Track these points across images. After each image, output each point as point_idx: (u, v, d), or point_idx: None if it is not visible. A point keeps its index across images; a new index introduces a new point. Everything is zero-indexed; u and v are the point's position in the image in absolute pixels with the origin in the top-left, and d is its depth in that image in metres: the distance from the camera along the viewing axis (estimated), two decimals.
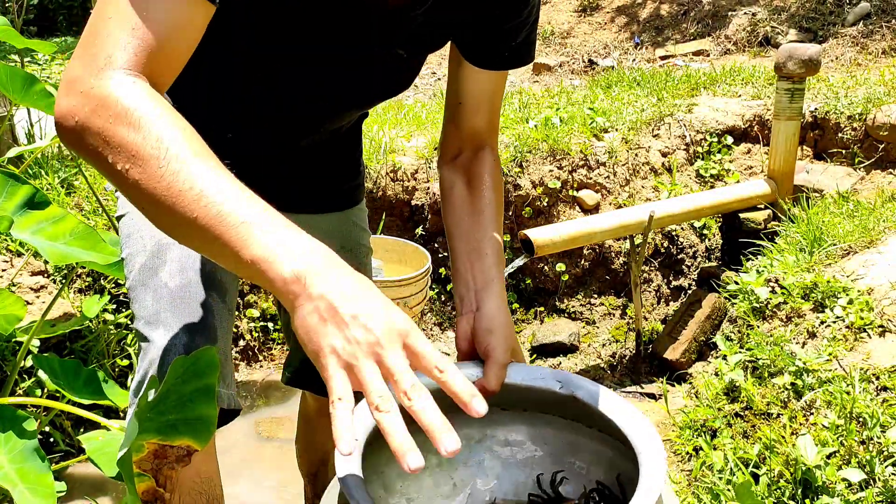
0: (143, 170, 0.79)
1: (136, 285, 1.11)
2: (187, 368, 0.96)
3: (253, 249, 0.75)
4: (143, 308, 1.09)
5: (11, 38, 2.12)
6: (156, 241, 1.12)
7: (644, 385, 2.86)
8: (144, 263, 1.11)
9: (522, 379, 0.96)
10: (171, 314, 1.06)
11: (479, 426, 0.99)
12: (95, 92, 0.80)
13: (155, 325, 1.06)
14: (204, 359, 0.96)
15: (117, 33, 0.82)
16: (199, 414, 0.98)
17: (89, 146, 0.81)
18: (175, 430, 0.98)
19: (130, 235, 1.15)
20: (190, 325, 1.06)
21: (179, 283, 1.08)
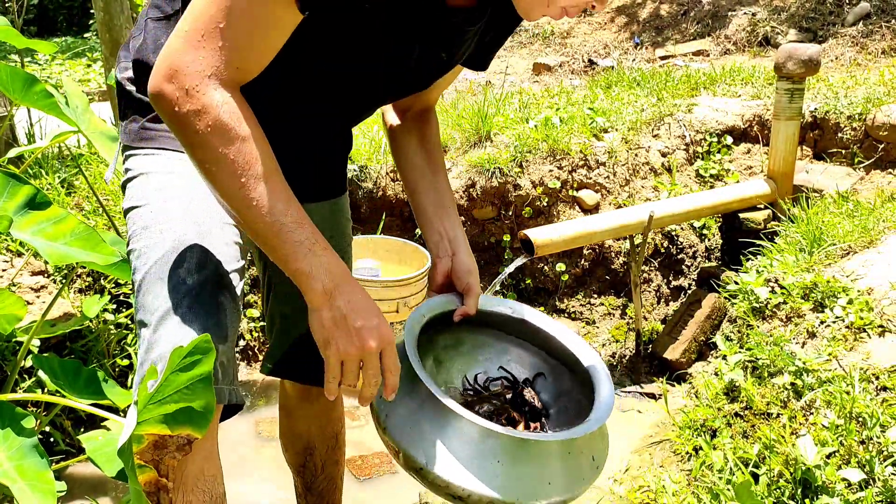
0: (225, 177, 1.01)
1: (151, 277, 1.11)
2: (184, 358, 0.96)
3: (298, 264, 1.04)
4: (158, 300, 1.09)
5: (11, 38, 2.12)
6: (175, 238, 1.13)
7: (644, 385, 2.86)
8: (162, 258, 1.12)
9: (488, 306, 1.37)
10: (188, 310, 1.08)
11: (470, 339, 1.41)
12: (201, 97, 0.98)
13: (170, 319, 1.08)
14: (200, 348, 0.96)
15: (228, 48, 0.99)
16: (197, 403, 0.98)
17: (184, 133, 1.00)
18: (174, 420, 0.99)
19: (147, 227, 1.15)
20: (205, 323, 1.09)
21: (197, 281, 1.11)
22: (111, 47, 3.53)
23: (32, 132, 3.34)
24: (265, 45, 1.03)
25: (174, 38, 1.00)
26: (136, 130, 1.25)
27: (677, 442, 1.91)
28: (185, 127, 1.00)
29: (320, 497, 1.72)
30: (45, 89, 1.96)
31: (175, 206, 1.16)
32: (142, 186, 1.20)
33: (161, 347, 1.06)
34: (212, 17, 0.97)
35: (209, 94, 0.99)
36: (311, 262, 1.04)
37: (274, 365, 1.56)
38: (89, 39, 9.35)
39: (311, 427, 1.65)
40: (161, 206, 1.16)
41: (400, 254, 2.98)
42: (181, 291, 1.09)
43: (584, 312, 3.21)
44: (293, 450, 1.69)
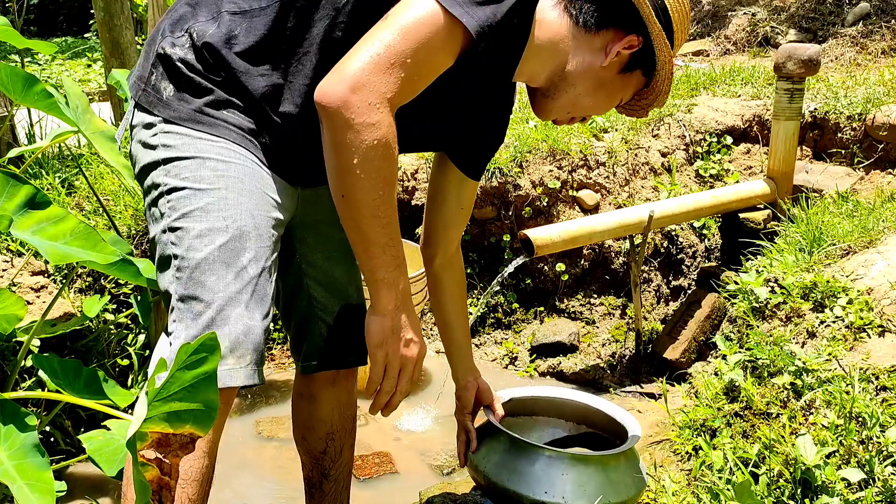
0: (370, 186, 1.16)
1: (214, 260, 1.19)
2: (190, 356, 0.97)
3: (385, 275, 1.23)
4: (222, 282, 1.18)
5: (12, 38, 2.12)
6: (238, 226, 1.22)
7: (644, 385, 2.86)
8: (226, 243, 1.20)
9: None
10: (250, 296, 1.20)
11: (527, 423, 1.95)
12: (378, 114, 1.14)
13: (237, 303, 1.18)
14: (206, 346, 0.97)
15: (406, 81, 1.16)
16: (202, 401, 0.99)
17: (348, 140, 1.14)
18: (178, 419, 1.00)
19: (207, 211, 1.22)
20: (263, 310, 1.22)
21: (257, 271, 1.22)
22: (111, 47, 3.53)
23: (32, 132, 3.34)
24: (425, 84, 1.21)
25: (363, 56, 1.14)
26: (189, 110, 1.28)
27: (677, 442, 1.91)
28: (355, 135, 1.13)
29: (336, 483, 1.72)
30: (45, 89, 1.95)
31: (235, 196, 1.24)
32: (197, 168, 1.25)
33: (231, 328, 1.17)
34: (402, 52, 1.15)
35: (385, 113, 1.14)
36: (394, 276, 1.23)
37: (320, 359, 1.60)
38: (89, 39, 9.35)
39: (333, 411, 1.67)
40: (223, 194, 1.23)
41: None
42: (245, 278, 1.20)
43: (583, 312, 3.21)
44: (315, 436, 1.69)
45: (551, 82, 1.35)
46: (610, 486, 1.60)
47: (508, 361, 3.07)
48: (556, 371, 2.98)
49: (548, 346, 3.04)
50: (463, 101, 1.40)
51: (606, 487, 1.60)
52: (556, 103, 1.37)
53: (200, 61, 1.28)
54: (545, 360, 3.02)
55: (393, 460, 2.38)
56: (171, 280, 1.21)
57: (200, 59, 1.28)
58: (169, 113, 1.28)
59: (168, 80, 1.29)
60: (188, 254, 1.20)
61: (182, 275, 1.19)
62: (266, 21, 1.27)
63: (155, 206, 1.27)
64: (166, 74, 1.29)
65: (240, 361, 1.17)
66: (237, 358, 1.17)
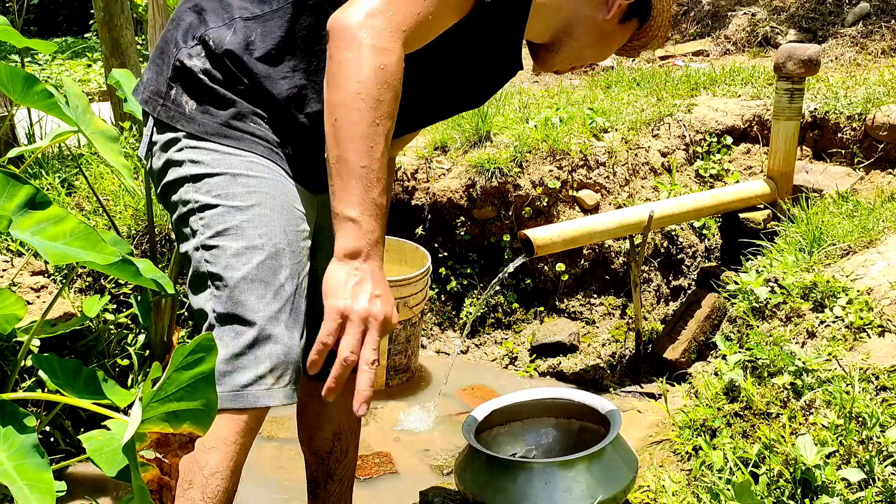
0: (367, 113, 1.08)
1: (253, 279, 1.19)
2: (186, 356, 0.97)
3: (355, 213, 1.08)
4: (262, 302, 1.18)
5: (11, 37, 2.12)
6: (273, 244, 1.22)
7: (644, 385, 2.86)
8: (263, 261, 1.20)
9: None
10: (288, 315, 1.20)
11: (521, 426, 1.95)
12: (392, 41, 1.10)
13: (276, 322, 1.18)
14: (203, 346, 0.97)
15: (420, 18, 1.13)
16: (200, 401, 0.99)
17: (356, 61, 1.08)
18: (176, 419, 1.00)
19: (241, 229, 1.21)
20: (300, 328, 1.22)
21: (293, 289, 1.22)
22: (111, 47, 3.53)
23: (32, 132, 3.34)
24: (438, 29, 1.18)
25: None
26: (215, 124, 1.27)
27: (677, 442, 1.91)
28: (364, 54, 1.08)
29: (341, 482, 1.72)
30: (45, 89, 1.95)
31: (268, 212, 1.23)
32: (228, 185, 1.24)
33: (272, 348, 1.17)
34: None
35: (398, 42, 1.11)
36: (370, 224, 1.09)
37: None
38: (89, 39, 9.35)
39: (342, 411, 1.67)
40: (257, 211, 1.23)
41: (400, 254, 2.99)
42: (283, 297, 1.20)
43: (583, 312, 3.21)
44: (322, 436, 1.69)
45: (556, 38, 1.37)
46: (599, 482, 1.60)
47: (508, 361, 3.07)
48: (556, 371, 2.98)
49: (548, 346, 3.04)
50: (471, 54, 1.36)
51: (595, 485, 1.59)
52: (559, 56, 1.39)
53: (222, 71, 1.26)
54: (545, 360, 3.02)
55: (393, 460, 2.38)
56: (208, 298, 1.21)
57: (221, 68, 1.26)
58: (194, 128, 1.27)
59: (189, 93, 1.28)
60: (226, 272, 1.19)
61: (221, 294, 1.19)
62: (281, 23, 1.26)
63: (185, 224, 1.26)
64: (187, 88, 1.28)
65: (279, 381, 1.18)
66: (276, 378, 1.17)
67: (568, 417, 1.92)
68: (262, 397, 1.15)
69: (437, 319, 3.27)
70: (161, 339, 2.50)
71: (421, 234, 3.26)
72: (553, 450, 1.92)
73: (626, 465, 1.66)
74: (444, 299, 3.29)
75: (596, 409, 1.82)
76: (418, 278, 2.77)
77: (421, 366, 3.02)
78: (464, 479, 1.70)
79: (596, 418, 1.83)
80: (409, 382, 2.91)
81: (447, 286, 3.25)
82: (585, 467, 1.61)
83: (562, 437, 1.93)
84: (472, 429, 1.77)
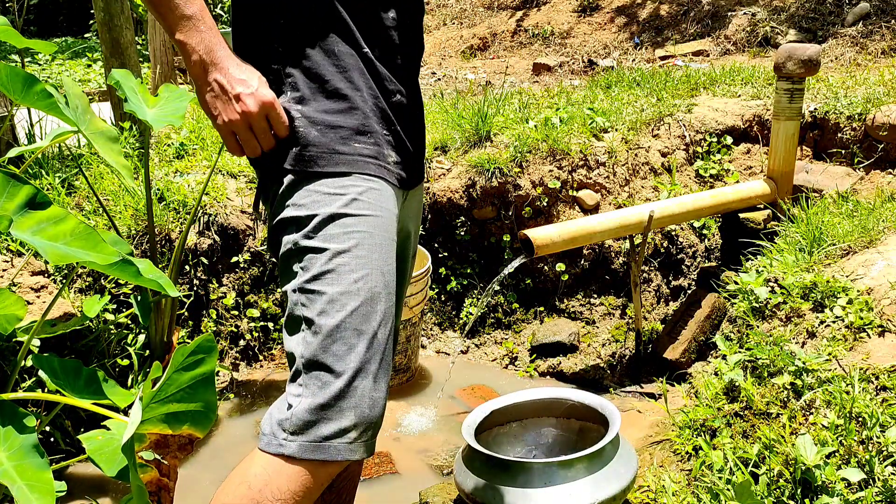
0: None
1: (348, 327, 1.17)
2: (187, 357, 0.97)
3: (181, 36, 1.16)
4: (352, 354, 1.16)
5: (11, 37, 2.12)
6: (368, 289, 1.20)
7: (644, 385, 2.86)
8: (358, 308, 1.18)
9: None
10: (377, 366, 1.19)
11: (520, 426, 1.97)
12: None
13: (365, 375, 1.17)
14: (203, 347, 0.97)
15: None
16: (200, 402, 0.99)
17: None
18: (176, 420, 1.00)
19: (341, 273, 1.19)
20: (387, 379, 1.21)
21: (386, 335, 1.21)
22: (111, 47, 3.53)
23: (32, 132, 3.34)
24: None
25: None
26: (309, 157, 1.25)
27: (677, 442, 1.91)
28: None
29: (338, 494, 1.72)
30: (45, 89, 1.95)
31: (366, 253, 1.21)
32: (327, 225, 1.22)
33: (358, 400, 1.16)
34: None
35: None
36: (192, 36, 1.16)
37: None
38: (89, 39, 9.35)
39: None
40: (355, 253, 1.21)
41: None
42: (375, 347, 1.18)
43: (584, 312, 3.21)
44: None
45: None
46: (598, 482, 1.61)
47: (508, 361, 3.07)
48: (556, 371, 2.98)
49: (548, 346, 3.04)
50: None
51: (595, 485, 1.60)
52: None
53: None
54: (545, 360, 3.02)
55: (393, 460, 2.38)
56: (299, 342, 1.19)
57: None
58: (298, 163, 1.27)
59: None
60: (319, 319, 1.18)
61: (313, 340, 1.17)
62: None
63: (287, 264, 1.25)
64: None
65: (363, 436, 1.17)
66: (360, 432, 1.16)
67: (568, 417, 1.92)
68: (344, 451, 1.15)
69: (437, 319, 3.27)
70: (161, 339, 2.50)
71: (421, 234, 3.26)
72: (553, 450, 1.92)
73: (625, 465, 1.66)
74: (444, 299, 3.29)
75: (596, 409, 1.82)
76: (418, 278, 2.77)
77: (421, 366, 3.02)
78: (464, 479, 1.70)
79: (596, 418, 1.84)
80: (409, 382, 2.91)
81: (447, 286, 3.25)
82: (585, 467, 1.62)
83: (562, 437, 1.93)
84: (472, 429, 1.77)
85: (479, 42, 6.98)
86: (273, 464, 1.14)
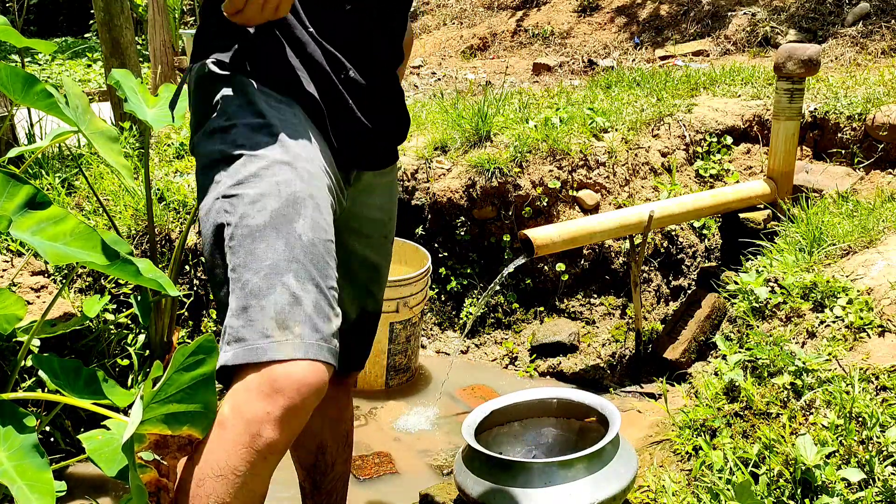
0: None
1: (265, 227, 1.12)
2: (187, 357, 0.96)
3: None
4: (273, 252, 1.10)
5: (11, 37, 2.12)
6: (292, 192, 1.14)
7: (644, 385, 2.86)
8: (278, 209, 1.13)
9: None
10: (302, 266, 1.10)
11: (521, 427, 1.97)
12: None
13: (286, 272, 1.08)
14: (204, 347, 0.96)
15: None
16: (200, 403, 0.98)
17: None
18: (176, 420, 0.99)
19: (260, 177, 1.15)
20: (317, 282, 1.11)
21: (311, 240, 1.12)
22: (111, 47, 3.53)
23: (32, 132, 3.34)
24: None
25: None
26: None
27: (677, 442, 1.91)
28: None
29: (328, 496, 1.72)
30: (45, 89, 1.95)
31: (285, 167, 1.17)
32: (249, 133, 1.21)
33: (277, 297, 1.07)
34: None
35: None
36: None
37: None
38: (89, 39, 9.35)
39: (325, 426, 1.66)
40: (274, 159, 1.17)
41: (400, 254, 2.98)
42: (296, 247, 1.11)
43: (584, 312, 3.21)
44: (306, 449, 1.68)
45: None
46: (598, 482, 1.61)
47: (508, 361, 3.07)
48: (556, 371, 2.98)
49: (548, 346, 3.04)
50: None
51: (595, 485, 1.60)
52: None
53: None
54: (545, 360, 3.02)
55: (393, 460, 2.38)
56: (223, 250, 1.15)
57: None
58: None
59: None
60: (242, 221, 1.13)
61: (234, 243, 1.13)
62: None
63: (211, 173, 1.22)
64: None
65: (285, 334, 1.05)
66: (282, 330, 1.06)
67: (568, 417, 1.92)
68: (271, 350, 1.04)
69: (437, 319, 3.27)
70: (161, 339, 2.50)
71: (421, 234, 3.26)
72: (553, 450, 1.92)
73: (625, 465, 1.66)
74: (444, 299, 3.29)
75: (596, 409, 1.82)
76: (418, 278, 2.77)
77: (421, 366, 3.02)
78: (464, 479, 1.70)
79: (596, 418, 1.84)
80: (409, 382, 2.91)
81: (447, 286, 3.25)
82: (585, 467, 1.62)
83: (562, 437, 1.93)
84: (472, 429, 1.77)
85: (479, 42, 6.99)
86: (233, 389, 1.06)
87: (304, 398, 1.04)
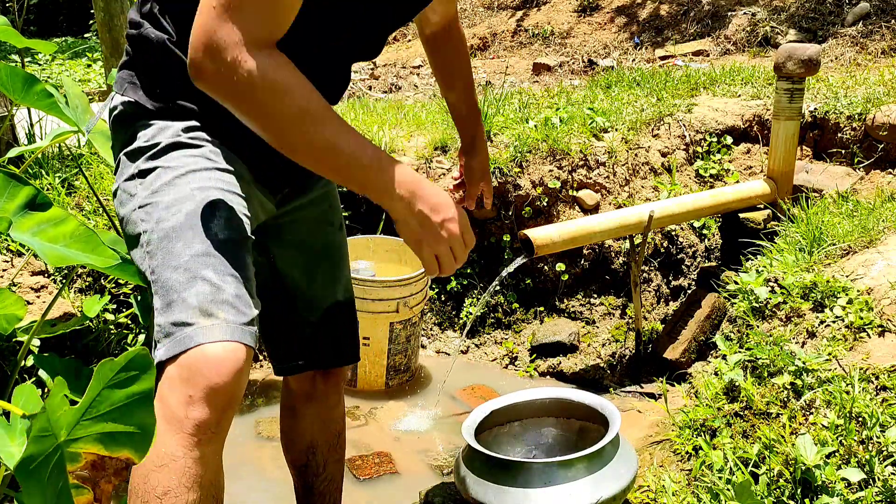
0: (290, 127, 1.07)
1: (181, 227, 1.15)
2: (118, 373, 0.90)
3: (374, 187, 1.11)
4: (189, 249, 1.13)
5: (11, 37, 2.12)
6: (206, 195, 1.18)
7: (644, 385, 2.86)
8: (193, 210, 1.16)
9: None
10: (220, 261, 1.13)
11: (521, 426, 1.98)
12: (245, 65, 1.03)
13: (205, 267, 1.12)
14: (137, 363, 0.90)
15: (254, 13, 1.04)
16: (137, 423, 0.92)
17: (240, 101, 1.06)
18: (114, 441, 0.93)
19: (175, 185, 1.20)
20: (235, 275, 1.14)
21: (227, 237, 1.16)
22: (111, 47, 3.53)
23: (32, 132, 3.33)
24: (289, 3, 1.08)
25: (203, 15, 1.04)
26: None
27: (677, 442, 1.91)
28: (241, 95, 1.06)
29: (321, 497, 1.72)
30: (45, 89, 1.95)
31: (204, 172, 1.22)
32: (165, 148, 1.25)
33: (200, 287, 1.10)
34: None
35: (251, 60, 1.04)
36: (384, 180, 1.11)
37: (305, 361, 1.58)
38: (89, 39, 9.35)
39: (314, 426, 1.66)
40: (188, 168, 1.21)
41: (400, 254, 2.98)
42: (212, 241, 1.14)
43: (584, 312, 3.21)
44: (296, 449, 1.69)
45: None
46: (598, 482, 1.61)
47: (508, 361, 3.07)
48: (556, 371, 2.98)
49: (548, 346, 3.04)
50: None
51: (595, 485, 1.60)
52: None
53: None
54: (545, 360, 3.02)
55: (393, 460, 2.38)
56: (143, 256, 1.18)
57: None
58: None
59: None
60: (157, 225, 1.17)
61: (151, 248, 1.16)
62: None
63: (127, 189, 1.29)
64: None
65: (210, 320, 1.08)
66: (207, 317, 1.08)
67: (568, 417, 1.92)
68: (197, 335, 1.06)
69: (437, 319, 3.27)
70: None
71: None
72: (553, 450, 1.92)
73: (625, 465, 1.66)
74: (444, 299, 3.29)
75: (596, 409, 1.82)
76: (418, 278, 2.77)
77: (421, 366, 3.02)
78: (464, 479, 1.70)
79: (596, 418, 1.84)
80: (409, 382, 2.91)
81: (447, 286, 3.25)
82: (585, 467, 1.62)
83: (562, 437, 1.93)
84: (472, 429, 1.77)
85: (480, 42, 6.98)
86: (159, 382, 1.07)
87: (222, 377, 1.05)
